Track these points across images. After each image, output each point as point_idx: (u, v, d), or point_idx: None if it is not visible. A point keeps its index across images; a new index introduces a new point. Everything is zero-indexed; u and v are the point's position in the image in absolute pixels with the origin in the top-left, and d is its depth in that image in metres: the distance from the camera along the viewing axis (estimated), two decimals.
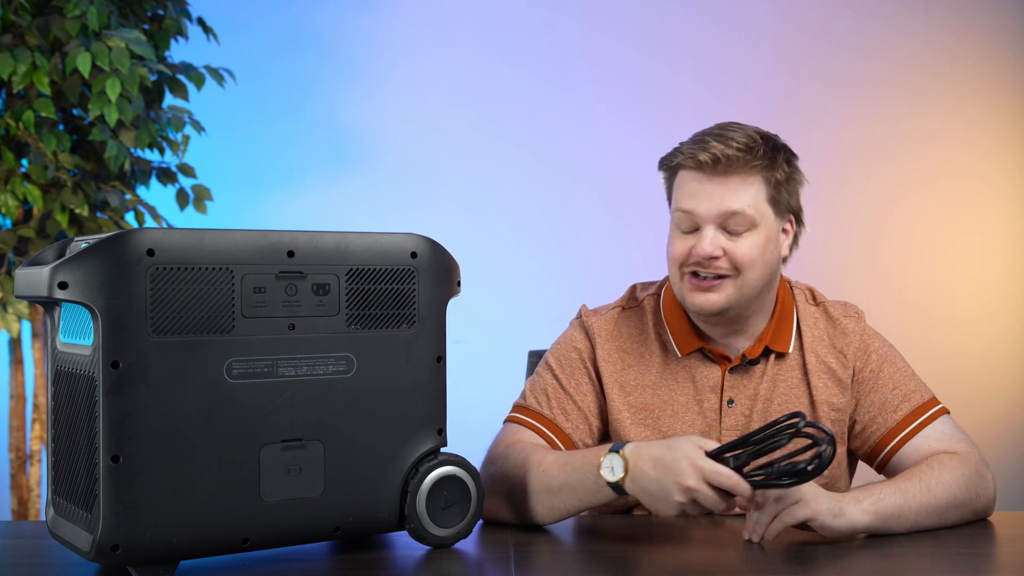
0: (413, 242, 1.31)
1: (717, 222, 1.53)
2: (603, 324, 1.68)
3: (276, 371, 1.21)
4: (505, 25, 3.78)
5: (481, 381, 3.17)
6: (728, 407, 1.61)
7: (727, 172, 1.52)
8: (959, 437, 1.55)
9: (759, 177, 1.53)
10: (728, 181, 1.52)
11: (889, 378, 1.61)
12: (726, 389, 1.61)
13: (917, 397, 1.59)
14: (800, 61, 3.78)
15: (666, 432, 1.61)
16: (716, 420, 1.61)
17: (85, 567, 1.24)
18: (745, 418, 1.61)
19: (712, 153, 1.51)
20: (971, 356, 3.70)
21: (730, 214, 1.52)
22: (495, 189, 3.73)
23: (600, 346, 1.66)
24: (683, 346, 1.63)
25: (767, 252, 1.55)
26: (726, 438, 1.59)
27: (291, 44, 3.73)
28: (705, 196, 1.53)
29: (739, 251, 1.53)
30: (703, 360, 1.63)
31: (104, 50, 2.59)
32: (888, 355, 1.63)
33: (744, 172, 1.52)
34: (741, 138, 1.53)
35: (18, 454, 2.93)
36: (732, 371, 1.62)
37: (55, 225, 2.78)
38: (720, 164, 1.52)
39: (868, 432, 1.60)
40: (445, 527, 1.32)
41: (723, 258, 1.53)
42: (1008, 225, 3.82)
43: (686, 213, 1.55)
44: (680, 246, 1.57)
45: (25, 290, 1.18)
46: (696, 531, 1.49)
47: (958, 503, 1.45)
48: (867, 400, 1.61)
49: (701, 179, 1.54)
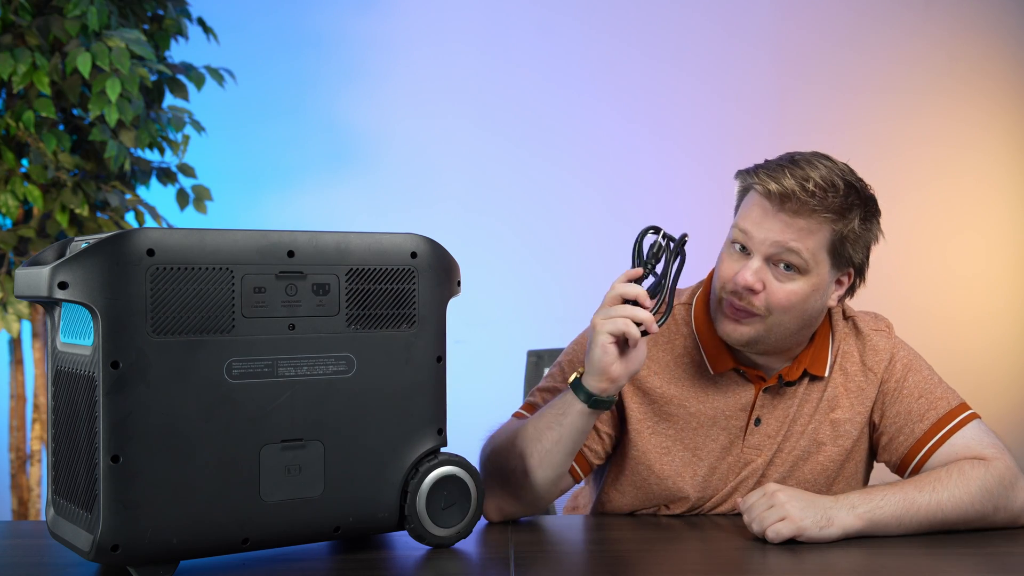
0: (413, 242, 1.31)
1: (767, 254, 1.46)
2: None
3: (276, 371, 1.21)
4: (504, 24, 3.78)
5: (481, 381, 3.17)
6: (755, 426, 1.57)
7: (796, 212, 1.44)
8: (989, 442, 1.49)
9: (826, 227, 1.45)
10: (793, 221, 1.44)
11: (914, 387, 1.56)
12: (756, 408, 1.57)
13: (943, 404, 1.54)
14: (800, 60, 3.78)
15: (687, 444, 1.57)
16: (740, 437, 1.57)
17: (85, 567, 1.24)
18: (770, 439, 1.57)
19: (784, 188, 1.43)
20: (971, 356, 3.70)
21: (783, 250, 1.45)
22: (495, 189, 3.73)
23: None
24: (716, 365, 1.56)
25: (809, 301, 1.48)
26: (748, 456, 1.57)
27: (291, 44, 3.73)
28: (766, 226, 1.46)
29: (777, 294, 1.46)
30: (737, 377, 1.57)
31: (104, 50, 2.59)
32: (913, 364, 1.58)
33: (810, 217, 1.44)
34: (820, 180, 1.44)
35: (18, 454, 2.93)
36: (766, 391, 1.57)
37: (55, 225, 2.78)
38: (788, 202, 1.44)
39: (896, 444, 1.55)
40: (445, 527, 1.32)
41: (760, 295, 1.47)
42: (1008, 224, 3.82)
43: (742, 232, 1.48)
44: (727, 268, 1.50)
45: (25, 290, 1.18)
46: (696, 531, 1.49)
47: (969, 518, 1.42)
48: (892, 411, 1.56)
49: (767, 209, 1.46)
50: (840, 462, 1.59)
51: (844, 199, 1.45)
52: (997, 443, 1.50)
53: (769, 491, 1.39)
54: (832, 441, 1.58)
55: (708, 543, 1.43)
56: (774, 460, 1.58)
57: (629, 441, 1.58)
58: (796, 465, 1.58)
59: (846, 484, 1.60)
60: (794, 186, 1.43)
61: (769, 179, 1.45)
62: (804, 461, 1.58)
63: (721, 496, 1.58)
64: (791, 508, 1.35)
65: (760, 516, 1.37)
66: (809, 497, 1.38)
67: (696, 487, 1.57)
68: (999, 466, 1.45)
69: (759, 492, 1.40)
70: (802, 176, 1.44)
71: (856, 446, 1.59)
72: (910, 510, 1.39)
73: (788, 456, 1.58)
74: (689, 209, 3.73)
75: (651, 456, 1.57)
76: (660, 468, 1.57)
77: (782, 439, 1.57)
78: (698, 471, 1.57)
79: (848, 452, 1.59)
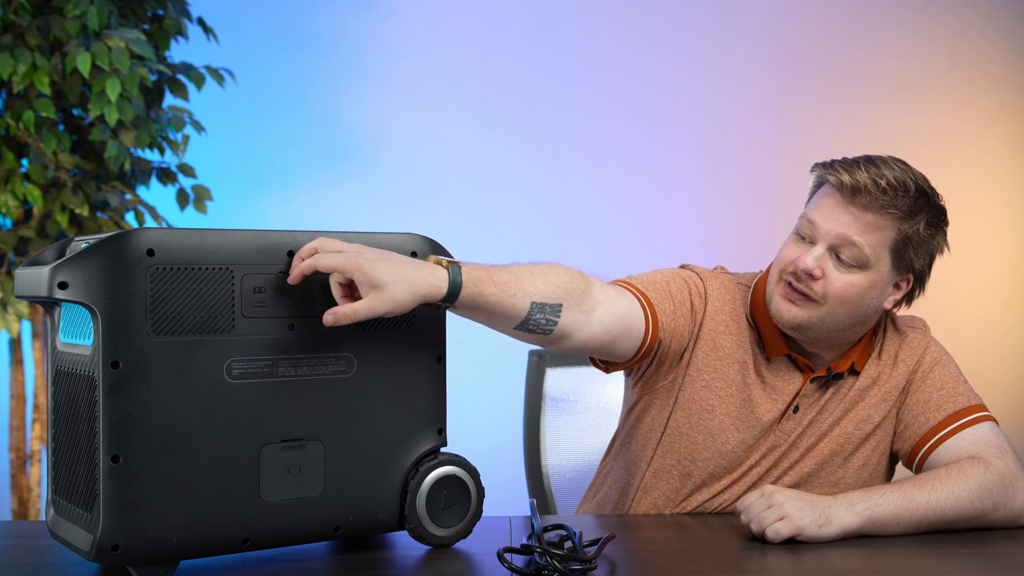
0: (413, 242, 1.31)
1: (831, 243, 1.50)
2: (718, 286, 1.63)
3: (276, 371, 1.21)
4: (504, 23, 3.78)
5: (481, 381, 3.17)
6: (792, 413, 1.60)
7: (865, 207, 1.49)
8: (995, 444, 1.51)
9: (892, 226, 1.50)
10: (861, 215, 1.49)
11: (938, 379, 1.59)
12: (800, 396, 1.60)
13: (963, 400, 1.57)
14: (801, 57, 3.77)
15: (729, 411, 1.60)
16: (776, 420, 1.59)
17: (85, 567, 1.24)
18: (801, 427, 1.60)
19: (856, 181, 1.48)
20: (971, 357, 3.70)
21: (846, 241, 1.49)
22: (495, 187, 3.72)
23: (711, 302, 1.62)
24: (772, 348, 1.60)
25: (865, 297, 1.52)
26: (778, 439, 1.60)
27: (290, 44, 3.73)
28: (834, 216, 1.50)
29: (836, 283, 1.50)
30: (788, 364, 1.61)
31: (104, 50, 2.59)
32: (941, 359, 1.62)
33: (878, 213, 1.49)
34: (893, 180, 1.49)
35: (18, 454, 2.93)
36: (813, 381, 1.61)
37: (55, 225, 2.78)
38: (859, 196, 1.48)
39: (910, 431, 1.58)
40: (445, 527, 1.32)
41: (819, 281, 1.51)
42: (1009, 224, 3.82)
43: (809, 222, 1.53)
44: (789, 252, 1.55)
45: (25, 290, 1.18)
46: (696, 531, 1.49)
47: (968, 516, 1.43)
48: (912, 398, 1.59)
49: (838, 201, 1.51)
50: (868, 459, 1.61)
51: (914, 201, 1.50)
52: (1004, 446, 1.52)
53: (767, 491, 1.40)
54: (861, 435, 1.61)
55: (708, 543, 1.43)
56: (805, 455, 1.61)
57: (681, 386, 1.61)
58: (822, 455, 1.61)
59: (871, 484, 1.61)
60: (867, 181, 1.48)
61: (844, 171, 1.49)
62: (830, 452, 1.61)
63: (740, 471, 1.61)
64: (790, 508, 1.36)
65: (759, 516, 1.37)
66: (807, 497, 1.39)
67: (724, 454, 1.60)
68: (999, 465, 1.46)
69: (756, 493, 1.41)
70: (876, 173, 1.49)
71: (882, 440, 1.62)
72: (909, 507, 1.40)
73: (820, 452, 1.61)
74: (690, 206, 3.73)
75: (693, 407, 1.60)
76: (699, 421, 1.60)
77: (815, 434, 1.60)
78: (730, 440, 1.60)
79: (874, 447, 1.62)
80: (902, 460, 1.63)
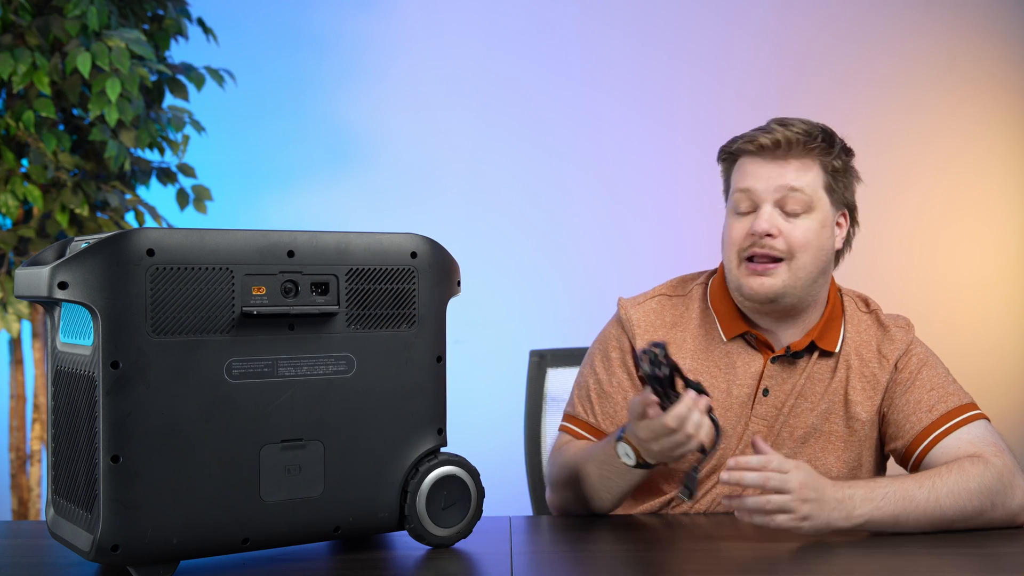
0: (413, 242, 1.31)
1: (775, 199, 1.56)
2: (642, 315, 1.68)
3: (276, 371, 1.21)
4: (503, 22, 3.77)
5: (482, 381, 3.17)
6: (763, 396, 1.61)
7: (787, 156, 1.57)
8: (991, 442, 1.51)
9: (817, 162, 1.58)
10: (788, 164, 1.57)
11: (927, 380, 1.59)
12: (764, 378, 1.61)
13: (954, 400, 1.57)
14: (800, 56, 3.77)
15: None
16: (748, 407, 1.61)
17: (85, 567, 1.24)
18: (776, 410, 1.61)
19: (774, 137, 1.57)
20: (971, 357, 3.70)
21: (788, 190, 1.56)
22: (495, 187, 3.72)
23: (639, 338, 1.65)
24: (728, 330, 1.63)
25: (822, 237, 1.58)
26: (755, 427, 1.60)
27: (290, 43, 3.73)
28: (764, 176, 1.57)
29: (794, 232, 1.56)
30: (746, 347, 1.63)
31: (104, 50, 2.59)
32: (928, 360, 1.62)
33: (803, 156, 1.57)
34: (801, 125, 1.59)
35: (18, 454, 2.93)
36: (774, 361, 1.62)
37: (55, 225, 2.78)
38: (780, 148, 1.57)
39: (902, 432, 1.58)
40: (445, 527, 1.32)
41: (779, 238, 1.56)
42: (1009, 223, 3.82)
43: (744, 192, 1.59)
44: (737, 229, 1.59)
45: (25, 290, 1.18)
46: (696, 531, 1.49)
47: (967, 515, 1.43)
48: (902, 400, 1.59)
49: (761, 162, 1.58)
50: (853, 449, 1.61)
51: (825, 139, 1.60)
52: (1000, 444, 1.52)
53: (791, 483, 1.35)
54: (844, 423, 1.60)
55: (708, 543, 1.43)
56: (781, 434, 1.61)
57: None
58: (805, 441, 1.60)
59: (857, 474, 1.61)
60: (784, 134, 1.57)
61: (759, 136, 1.59)
62: (814, 439, 1.60)
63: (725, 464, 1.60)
64: (802, 508, 1.35)
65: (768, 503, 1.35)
66: (814, 495, 1.36)
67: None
68: (998, 463, 1.47)
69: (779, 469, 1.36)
70: (787, 126, 1.59)
71: (868, 435, 1.61)
72: (908, 508, 1.40)
73: (796, 431, 1.60)
74: (690, 204, 3.73)
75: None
76: None
77: (789, 412, 1.60)
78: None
79: (861, 440, 1.61)
80: (897, 460, 1.62)
